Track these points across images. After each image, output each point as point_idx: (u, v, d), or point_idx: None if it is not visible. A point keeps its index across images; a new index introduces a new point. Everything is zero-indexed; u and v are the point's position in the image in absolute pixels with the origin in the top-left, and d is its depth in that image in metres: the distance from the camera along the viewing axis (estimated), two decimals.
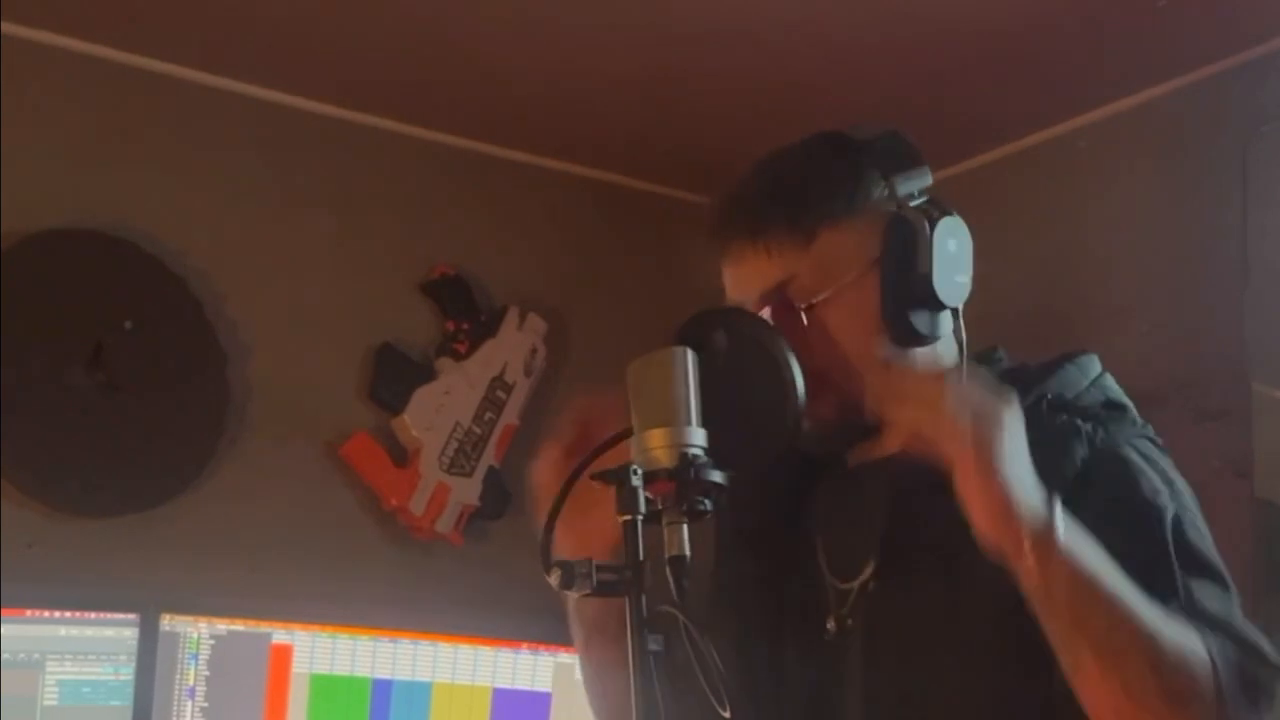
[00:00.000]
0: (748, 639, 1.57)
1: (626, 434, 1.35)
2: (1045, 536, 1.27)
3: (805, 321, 1.49)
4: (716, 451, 1.32)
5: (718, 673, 1.25)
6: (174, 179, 2.90)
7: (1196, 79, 2.80)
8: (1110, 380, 1.58)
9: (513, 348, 3.22)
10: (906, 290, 1.49)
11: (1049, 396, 1.50)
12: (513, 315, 3.23)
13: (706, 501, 1.30)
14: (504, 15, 2.68)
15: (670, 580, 1.28)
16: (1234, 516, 2.61)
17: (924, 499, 1.44)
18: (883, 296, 1.49)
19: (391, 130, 3.18)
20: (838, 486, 1.61)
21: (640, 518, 1.28)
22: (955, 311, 1.53)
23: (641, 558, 1.27)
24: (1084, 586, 1.28)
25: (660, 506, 1.29)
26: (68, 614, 2.51)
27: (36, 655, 2.48)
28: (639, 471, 1.29)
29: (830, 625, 1.52)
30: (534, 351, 3.25)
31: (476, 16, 2.69)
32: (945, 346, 1.55)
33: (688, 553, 1.28)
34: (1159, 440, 1.53)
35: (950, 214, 1.52)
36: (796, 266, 1.50)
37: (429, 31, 2.74)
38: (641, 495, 1.28)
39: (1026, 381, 1.51)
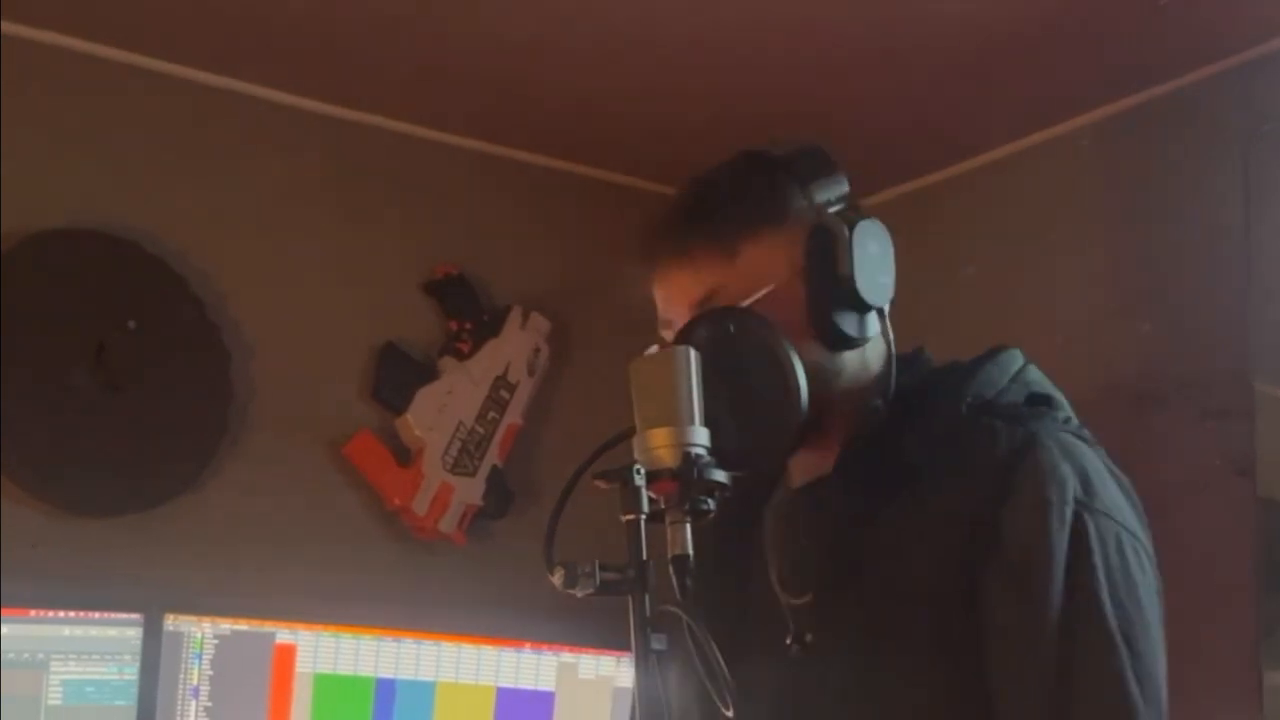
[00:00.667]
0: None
1: (629, 433, 1.36)
2: None
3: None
4: (719, 451, 1.33)
5: (721, 672, 1.26)
6: (176, 179, 2.90)
7: (1198, 78, 2.79)
8: (1035, 373, 1.59)
9: (516, 347, 3.22)
10: (831, 294, 1.52)
11: (970, 399, 1.52)
12: (516, 315, 3.23)
13: (709, 501, 1.31)
14: (508, 15, 2.68)
15: (673, 580, 1.28)
16: (1236, 516, 2.61)
17: (863, 515, 1.50)
18: (808, 301, 1.52)
19: (394, 130, 3.18)
20: (785, 503, 1.64)
21: (643, 517, 1.28)
22: (881, 312, 1.56)
23: (645, 557, 1.28)
24: None
25: (663, 506, 1.30)
26: (72, 614, 2.51)
27: (40, 655, 2.48)
28: (641, 471, 1.29)
29: (789, 641, 1.54)
30: (537, 351, 3.25)
31: (480, 16, 2.69)
32: (873, 349, 1.58)
33: (690, 552, 1.29)
34: (1085, 433, 1.54)
35: (868, 218, 1.55)
36: (723, 278, 1.53)
37: (432, 31, 2.74)
38: (644, 495, 1.29)
39: (950, 384, 1.54)
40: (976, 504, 1.43)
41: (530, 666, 2.87)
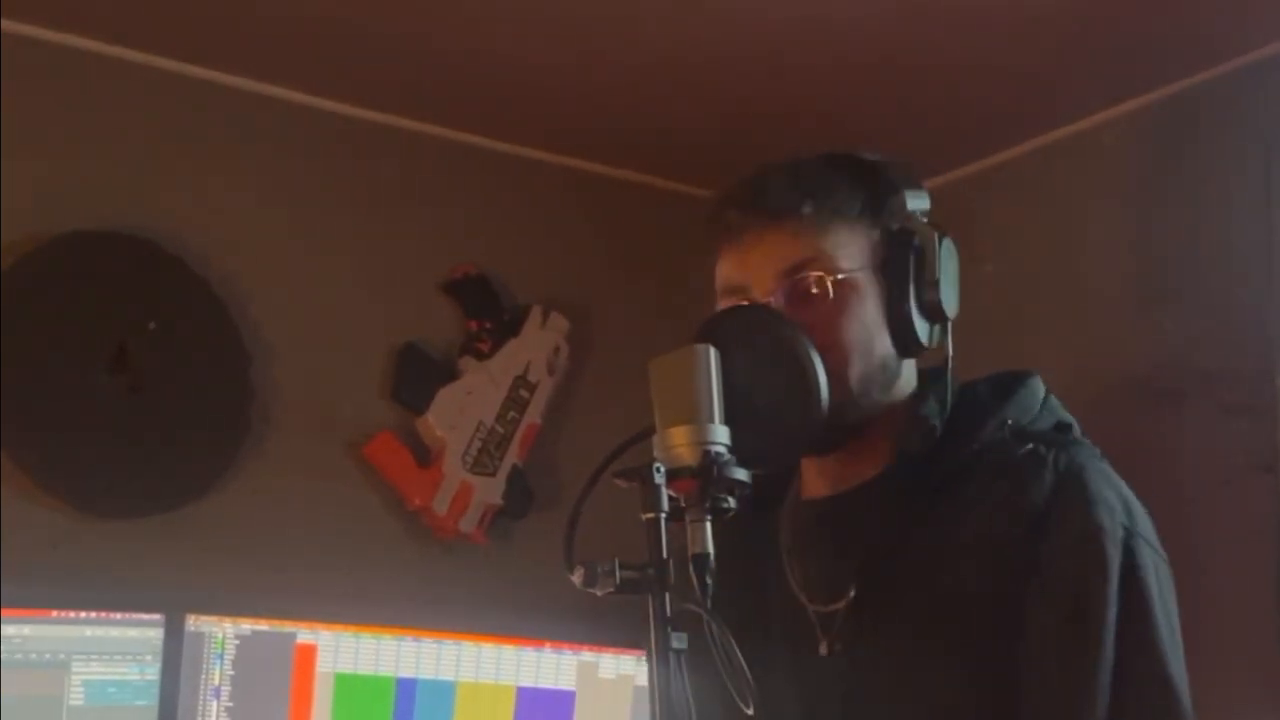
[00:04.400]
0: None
1: (649, 432, 1.35)
2: None
3: (821, 293, 1.52)
4: (739, 449, 1.33)
5: (742, 671, 1.25)
6: (197, 180, 2.91)
7: (1220, 74, 2.78)
8: (1054, 400, 1.62)
9: (536, 346, 3.22)
10: (914, 296, 1.55)
11: (1010, 423, 1.55)
12: (535, 314, 3.23)
13: (730, 499, 1.30)
14: (526, 13, 2.68)
15: (693, 578, 1.28)
16: (1259, 512, 2.60)
17: (903, 527, 1.51)
18: (889, 298, 1.55)
19: (413, 130, 3.18)
20: (806, 512, 1.63)
21: (663, 516, 1.28)
22: (945, 327, 1.59)
23: (665, 556, 1.28)
24: None
25: (683, 504, 1.30)
26: (93, 614, 2.51)
27: (62, 656, 2.48)
28: (661, 469, 1.29)
29: (823, 649, 1.54)
30: (557, 350, 3.25)
31: (499, 15, 2.69)
32: (911, 367, 1.61)
33: (711, 550, 1.29)
34: (1104, 456, 1.56)
35: (947, 235, 1.60)
36: (817, 249, 1.54)
37: (451, 31, 2.74)
38: (664, 493, 1.28)
39: (987, 406, 1.57)
40: (1022, 527, 1.46)
41: (550, 666, 2.87)
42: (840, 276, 1.53)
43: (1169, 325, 2.81)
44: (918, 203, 1.60)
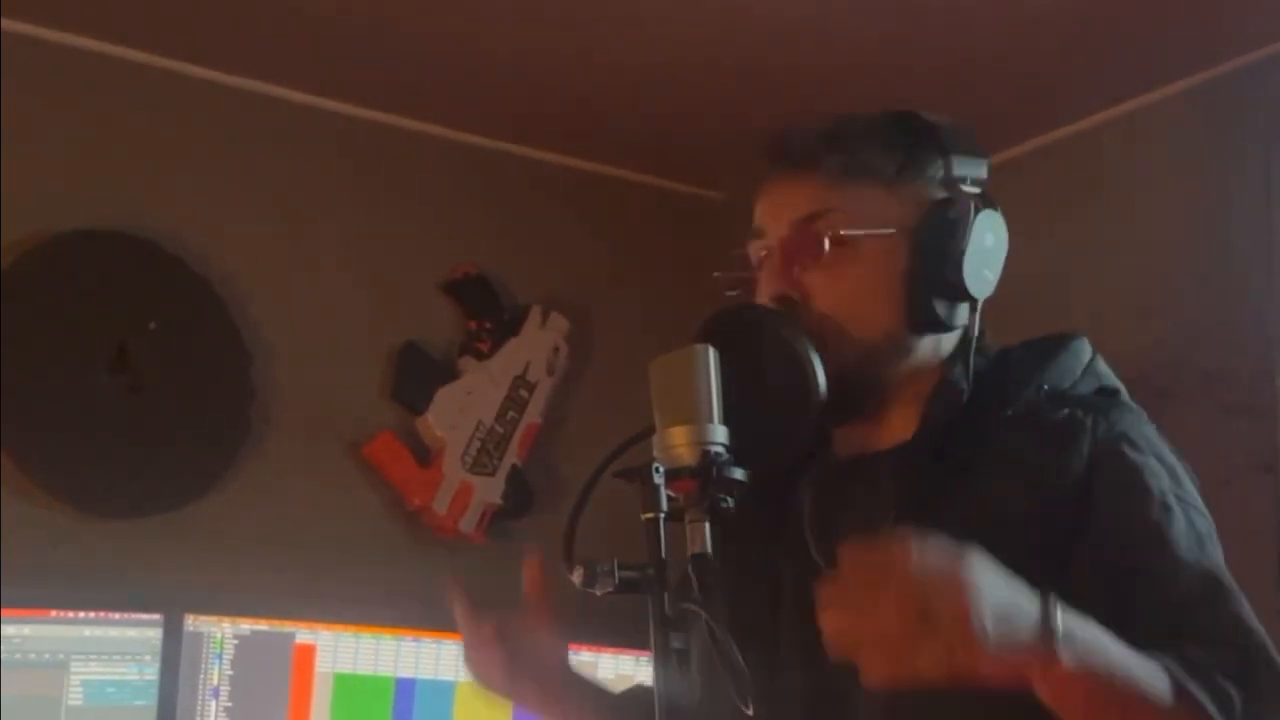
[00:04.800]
0: (737, 634, 1.55)
1: (649, 432, 1.35)
2: (1051, 661, 1.22)
3: (826, 250, 1.48)
4: (738, 449, 1.32)
5: (741, 670, 1.25)
6: (198, 180, 2.91)
7: (1221, 73, 2.79)
8: (1102, 364, 1.56)
9: (535, 346, 3.22)
10: (936, 267, 1.49)
11: (1045, 388, 1.49)
12: (535, 314, 3.23)
13: (729, 499, 1.30)
14: (526, 13, 2.68)
15: (692, 578, 1.27)
16: (1259, 511, 2.60)
17: (932, 492, 1.45)
18: (909, 266, 1.49)
19: (414, 130, 3.19)
20: (830, 478, 1.58)
21: (663, 516, 1.28)
22: (973, 306, 1.52)
23: (664, 556, 1.27)
24: (1098, 695, 1.26)
25: (682, 504, 1.29)
26: (92, 614, 2.51)
27: (61, 655, 2.48)
28: (661, 469, 1.29)
29: None
30: (556, 350, 3.25)
31: (499, 15, 2.69)
32: (948, 340, 1.55)
33: (710, 550, 1.28)
34: (1151, 422, 1.51)
35: (995, 208, 1.53)
36: (836, 202, 1.50)
37: (451, 31, 2.75)
38: (664, 493, 1.28)
39: (1022, 370, 1.51)
40: (1060, 494, 1.41)
41: None
42: (848, 233, 1.48)
43: (1169, 325, 2.81)
44: (967, 169, 1.53)
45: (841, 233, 1.49)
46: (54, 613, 2.49)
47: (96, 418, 2.70)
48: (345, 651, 2.72)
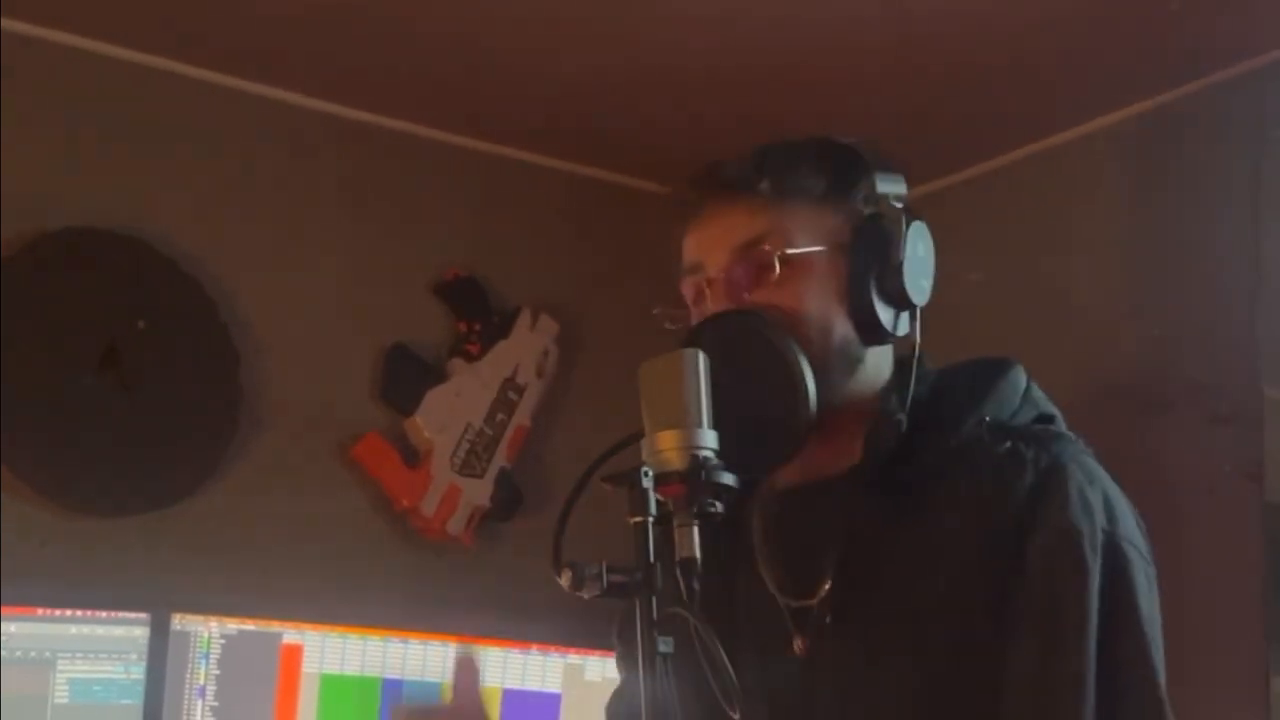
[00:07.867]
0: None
1: (638, 436, 1.35)
2: None
3: (777, 271, 1.50)
4: (727, 453, 1.33)
5: (728, 673, 1.25)
6: (187, 179, 2.91)
7: (1208, 84, 2.79)
8: (1036, 390, 1.58)
9: (525, 349, 3.22)
10: (877, 279, 1.52)
11: (987, 419, 1.51)
12: (525, 316, 3.23)
13: (717, 504, 1.30)
14: (517, 15, 2.68)
15: (680, 582, 1.28)
16: (1244, 520, 2.61)
17: (876, 523, 1.48)
18: (850, 280, 1.52)
19: (404, 131, 3.19)
20: (779, 502, 1.60)
21: (651, 520, 1.28)
22: (914, 314, 1.55)
23: (652, 560, 1.28)
24: None
25: (671, 508, 1.30)
26: (79, 613, 2.51)
27: (47, 654, 2.48)
28: (649, 473, 1.29)
29: (797, 644, 1.52)
30: (546, 353, 3.25)
31: (489, 17, 2.69)
32: (886, 355, 1.57)
33: (698, 555, 1.28)
34: (1088, 449, 1.53)
35: (921, 219, 1.56)
36: (774, 226, 1.52)
37: (442, 33, 2.75)
38: (652, 497, 1.28)
39: (965, 400, 1.53)
40: (1002, 527, 1.43)
41: (537, 668, 2.88)
42: (795, 252, 1.51)
43: (1156, 334, 2.82)
44: (890, 186, 1.56)
45: (788, 252, 1.51)
46: (40, 611, 2.48)
47: (85, 416, 2.70)
48: (332, 652, 2.72)
